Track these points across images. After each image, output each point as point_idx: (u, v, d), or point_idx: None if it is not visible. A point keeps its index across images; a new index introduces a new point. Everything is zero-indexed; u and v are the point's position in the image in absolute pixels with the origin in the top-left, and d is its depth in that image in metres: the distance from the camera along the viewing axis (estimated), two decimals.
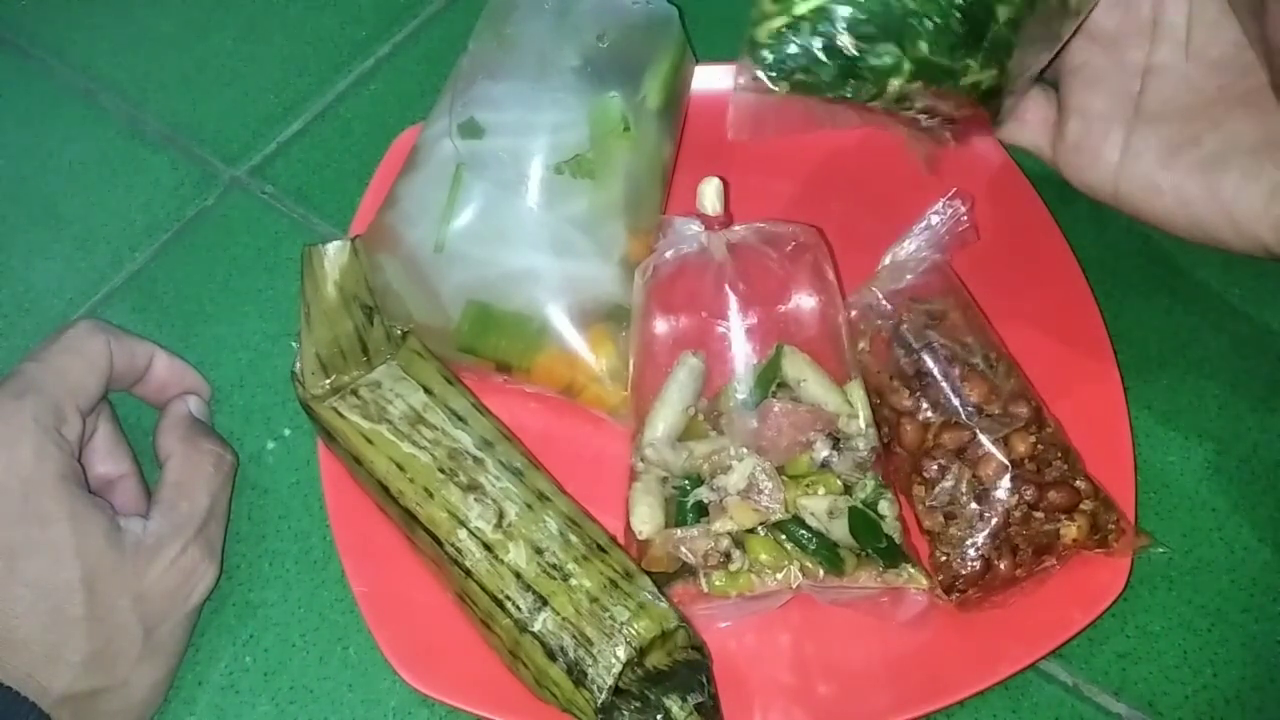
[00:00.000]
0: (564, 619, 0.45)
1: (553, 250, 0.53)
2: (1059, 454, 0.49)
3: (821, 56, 0.45)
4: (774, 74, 0.45)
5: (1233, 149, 0.50)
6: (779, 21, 0.45)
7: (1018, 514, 0.48)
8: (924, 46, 0.45)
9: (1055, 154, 0.55)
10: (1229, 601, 0.52)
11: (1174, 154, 0.51)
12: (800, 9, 0.45)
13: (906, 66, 0.45)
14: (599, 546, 0.47)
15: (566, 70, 0.55)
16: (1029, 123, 0.56)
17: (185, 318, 0.61)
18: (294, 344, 0.54)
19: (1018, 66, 0.48)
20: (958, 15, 0.45)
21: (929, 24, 0.45)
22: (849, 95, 0.46)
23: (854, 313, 0.53)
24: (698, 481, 0.49)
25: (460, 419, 0.51)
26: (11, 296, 0.62)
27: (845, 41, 0.44)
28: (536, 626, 0.45)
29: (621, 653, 0.44)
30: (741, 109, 0.49)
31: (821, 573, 0.47)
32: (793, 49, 0.45)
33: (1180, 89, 0.52)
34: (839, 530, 0.48)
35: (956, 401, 0.50)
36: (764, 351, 0.52)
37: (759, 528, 0.48)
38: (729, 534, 0.48)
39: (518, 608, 0.46)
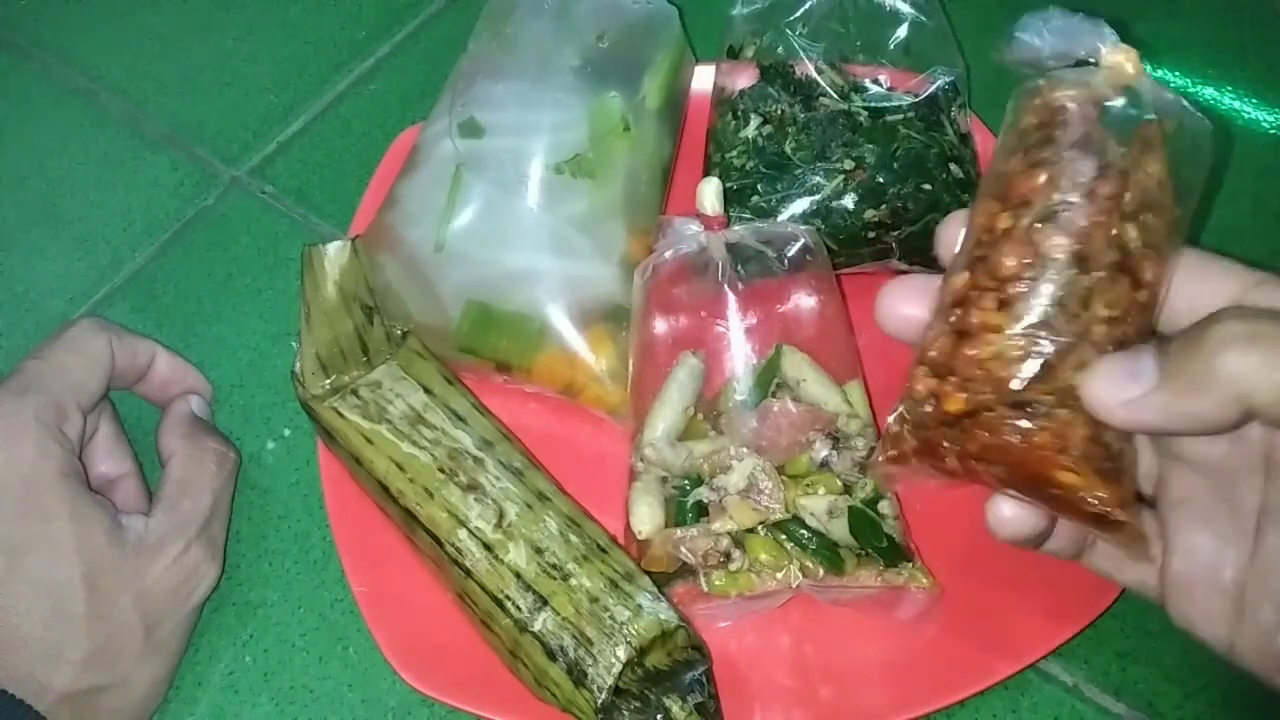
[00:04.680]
0: (564, 619, 0.45)
1: (553, 250, 0.53)
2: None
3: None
4: None
5: None
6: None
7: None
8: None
9: (1162, 594, 0.43)
10: None
11: None
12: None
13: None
14: (599, 546, 0.47)
15: (566, 70, 0.55)
16: (1129, 560, 0.44)
17: (185, 318, 0.61)
18: (294, 344, 0.54)
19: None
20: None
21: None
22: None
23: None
24: (698, 481, 0.49)
25: (460, 419, 0.51)
26: (11, 296, 0.62)
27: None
28: (536, 626, 0.45)
29: (621, 653, 0.44)
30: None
31: (821, 572, 0.47)
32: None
33: None
34: (839, 530, 0.48)
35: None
36: (764, 351, 0.52)
37: (759, 528, 0.48)
38: (729, 534, 0.48)
39: (518, 608, 0.46)
